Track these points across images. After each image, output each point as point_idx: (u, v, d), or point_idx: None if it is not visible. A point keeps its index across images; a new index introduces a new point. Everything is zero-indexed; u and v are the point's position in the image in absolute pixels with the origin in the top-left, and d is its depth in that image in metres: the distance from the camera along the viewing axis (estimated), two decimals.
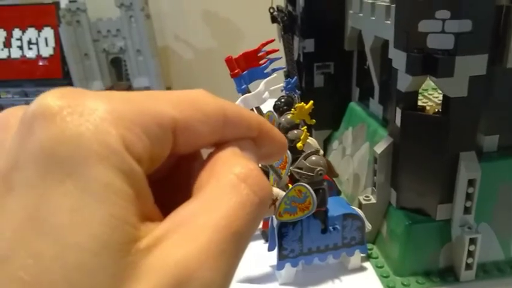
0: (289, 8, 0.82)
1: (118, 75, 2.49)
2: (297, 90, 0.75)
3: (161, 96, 0.17)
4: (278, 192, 0.50)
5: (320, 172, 0.49)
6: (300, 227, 0.51)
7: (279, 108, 0.76)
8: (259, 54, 0.56)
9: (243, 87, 0.55)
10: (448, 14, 0.44)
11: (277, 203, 0.49)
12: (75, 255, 0.12)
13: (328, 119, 0.81)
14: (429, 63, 0.46)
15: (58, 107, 0.14)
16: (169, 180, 0.20)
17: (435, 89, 0.66)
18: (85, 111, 0.14)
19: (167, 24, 2.46)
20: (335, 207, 0.52)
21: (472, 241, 0.50)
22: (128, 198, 0.14)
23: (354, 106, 0.74)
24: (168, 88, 2.52)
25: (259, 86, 0.48)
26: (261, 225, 0.57)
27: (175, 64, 2.55)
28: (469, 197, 0.50)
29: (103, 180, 0.13)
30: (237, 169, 0.17)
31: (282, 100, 0.72)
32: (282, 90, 0.81)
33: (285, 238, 0.51)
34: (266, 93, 0.48)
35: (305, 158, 0.50)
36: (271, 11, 0.89)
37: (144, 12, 2.30)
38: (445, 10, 0.44)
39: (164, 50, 2.51)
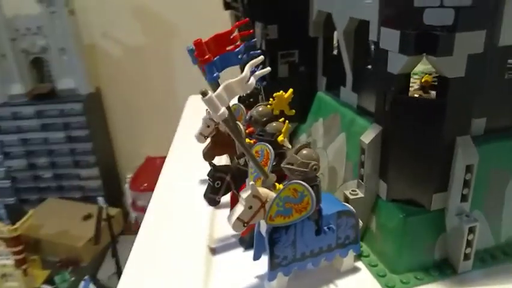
0: None
1: (40, 77, 2.27)
2: (260, 82, 0.69)
3: None
4: (268, 193, 0.43)
5: (314, 167, 0.43)
6: (294, 231, 0.45)
7: (244, 101, 0.70)
8: (232, 36, 0.50)
9: (215, 75, 0.48)
10: None
11: (267, 206, 0.43)
12: None
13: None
14: (427, 41, 0.42)
15: None
16: None
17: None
18: None
19: (94, 20, 2.27)
20: (326, 205, 0.47)
21: (471, 230, 0.47)
22: None
23: (322, 96, 0.70)
24: (97, 89, 2.35)
25: (244, 70, 0.41)
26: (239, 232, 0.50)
27: (103, 63, 2.37)
28: (466, 183, 0.47)
29: None
30: None
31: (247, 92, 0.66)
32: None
33: (277, 245, 0.45)
34: (252, 79, 0.42)
35: (296, 152, 0.44)
36: None
37: (68, 8, 2.11)
38: None
39: (91, 48, 2.32)
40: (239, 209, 0.43)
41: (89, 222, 2.07)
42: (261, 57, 0.44)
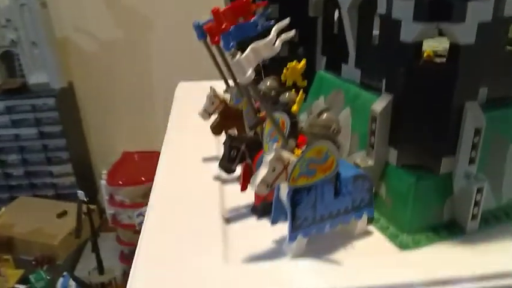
0: None
1: (10, 71, 2.19)
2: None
3: None
4: (289, 157, 0.45)
5: (335, 130, 0.45)
6: (314, 193, 0.46)
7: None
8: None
9: (231, 44, 0.49)
10: None
11: (289, 168, 0.44)
12: None
13: None
14: (440, 9, 0.45)
15: None
16: None
17: None
18: None
19: (66, 13, 2.22)
20: (342, 169, 0.49)
21: (479, 190, 0.50)
22: None
23: (323, 74, 0.72)
24: (70, 83, 2.29)
25: (271, 33, 0.42)
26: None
27: (76, 57, 2.31)
28: (474, 146, 0.50)
29: None
30: None
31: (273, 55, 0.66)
32: None
33: (299, 206, 0.46)
34: (278, 42, 0.43)
35: (318, 116, 0.46)
36: None
37: (39, 1, 2.05)
38: None
39: (64, 42, 2.26)
40: (263, 171, 0.44)
41: (65, 220, 2.02)
42: (287, 19, 0.45)
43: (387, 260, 0.49)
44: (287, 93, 0.55)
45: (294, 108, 0.53)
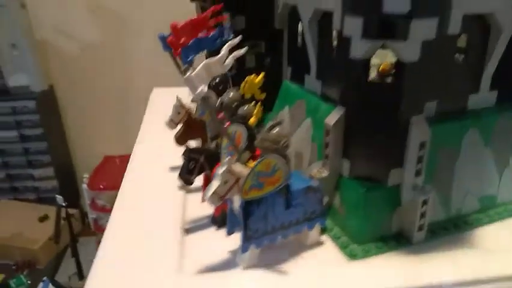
0: None
1: None
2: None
3: None
4: (241, 170, 0.46)
5: (285, 143, 0.46)
6: (265, 205, 0.48)
7: (215, 88, 0.72)
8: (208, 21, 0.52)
9: (190, 58, 0.50)
10: None
11: (240, 182, 0.46)
12: None
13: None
14: (386, 28, 0.47)
15: None
16: None
17: None
18: None
19: (46, 15, 2.20)
20: (294, 181, 0.50)
21: (424, 202, 0.52)
22: None
23: (288, 85, 0.74)
24: (50, 86, 2.27)
25: (222, 50, 0.44)
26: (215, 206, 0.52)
27: (56, 60, 2.30)
28: (419, 159, 0.52)
29: None
30: None
31: (217, 80, 0.68)
32: None
33: (250, 218, 0.47)
34: (229, 60, 0.44)
35: (269, 130, 0.47)
36: None
37: (18, 2, 2.04)
38: None
39: (44, 44, 2.25)
40: (215, 184, 0.45)
41: (46, 224, 2.01)
42: (239, 37, 0.46)
43: (336, 270, 0.50)
44: (246, 106, 0.56)
45: (251, 121, 0.55)
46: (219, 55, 0.44)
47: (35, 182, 2.21)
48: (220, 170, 0.45)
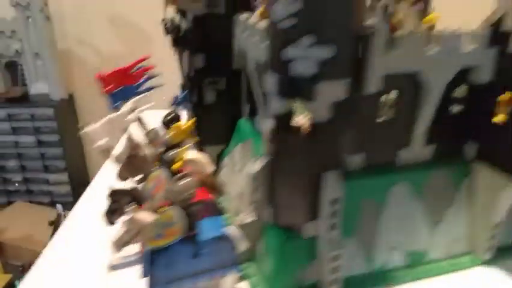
0: (179, 20, 0.81)
1: (13, 80, 2.29)
2: (188, 105, 0.74)
3: None
4: (144, 219, 0.48)
5: (187, 198, 0.48)
6: (171, 253, 0.49)
7: (167, 124, 0.74)
8: (133, 71, 0.55)
9: (116, 104, 0.53)
10: (311, 41, 0.46)
11: (143, 231, 0.47)
12: None
13: (220, 135, 0.80)
14: (294, 88, 0.48)
15: None
16: None
17: None
18: None
19: (70, 26, 2.31)
20: (208, 229, 0.52)
21: (336, 257, 0.52)
22: None
23: (242, 122, 0.75)
24: (70, 95, 2.38)
25: (125, 106, 0.46)
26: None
27: (78, 69, 2.40)
28: (334, 214, 0.52)
29: None
30: None
31: (169, 117, 0.70)
32: (172, 105, 0.79)
33: (155, 265, 0.49)
34: (133, 114, 0.46)
35: (177, 181, 0.49)
36: (165, 22, 0.87)
37: (43, 14, 2.15)
38: (308, 36, 0.45)
39: (66, 54, 2.36)
40: (119, 231, 0.47)
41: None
42: (151, 104, 0.48)
43: None
44: (171, 152, 0.58)
45: (175, 166, 0.56)
46: (121, 111, 0.46)
47: (49, 186, 2.31)
48: (127, 217, 0.47)
